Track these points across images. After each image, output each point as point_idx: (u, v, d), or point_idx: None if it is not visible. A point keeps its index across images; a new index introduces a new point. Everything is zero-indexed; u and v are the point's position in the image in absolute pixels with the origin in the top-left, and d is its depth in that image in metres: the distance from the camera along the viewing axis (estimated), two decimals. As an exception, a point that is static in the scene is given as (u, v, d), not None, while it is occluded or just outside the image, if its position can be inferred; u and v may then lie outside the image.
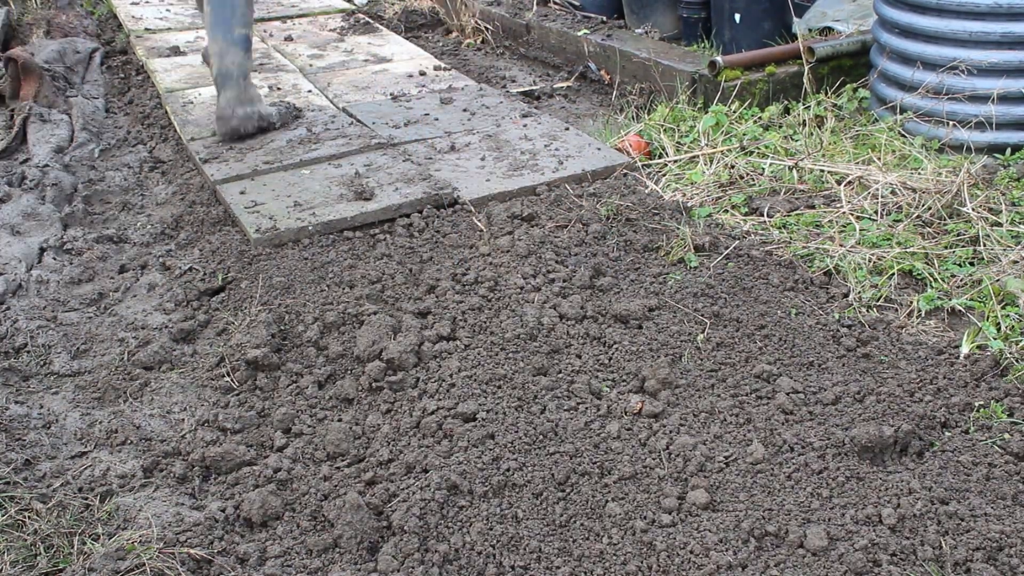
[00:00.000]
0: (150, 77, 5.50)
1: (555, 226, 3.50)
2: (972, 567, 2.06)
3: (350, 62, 5.67)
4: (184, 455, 2.57)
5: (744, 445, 2.47)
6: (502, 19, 6.20)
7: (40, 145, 4.55)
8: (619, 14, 5.70)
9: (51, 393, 2.87)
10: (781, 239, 3.43)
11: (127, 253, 3.70)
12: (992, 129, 3.80)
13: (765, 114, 4.31)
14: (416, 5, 6.90)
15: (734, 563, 2.11)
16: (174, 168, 4.39)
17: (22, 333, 3.09)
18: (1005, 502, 2.25)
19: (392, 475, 2.42)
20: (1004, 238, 3.23)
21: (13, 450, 2.54)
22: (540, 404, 2.62)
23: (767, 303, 3.06)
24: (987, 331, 2.82)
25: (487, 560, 2.16)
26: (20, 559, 2.17)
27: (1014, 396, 2.58)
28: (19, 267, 3.50)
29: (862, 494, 2.29)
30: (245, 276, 3.34)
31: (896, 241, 3.30)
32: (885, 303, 3.06)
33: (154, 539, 2.20)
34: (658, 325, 2.95)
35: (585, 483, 2.37)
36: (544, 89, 5.32)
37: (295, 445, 2.57)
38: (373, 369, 2.77)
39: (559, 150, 4.17)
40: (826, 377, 2.71)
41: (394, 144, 4.32)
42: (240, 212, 3.68)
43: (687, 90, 4.60)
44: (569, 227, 3.49)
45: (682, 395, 2.67)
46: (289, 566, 2.19)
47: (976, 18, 3.74)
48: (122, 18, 6.61)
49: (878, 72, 4.17)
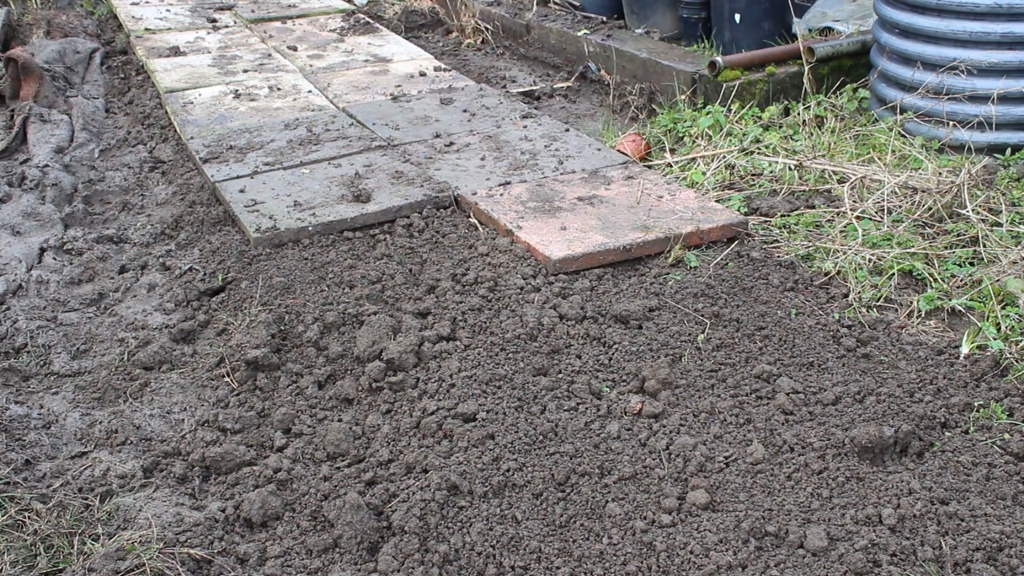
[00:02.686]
0: (150, 77, 5.50)
1: (555, 226, 3.50)
2: (972, 567, 2.06)
3: (350, 62, 5.67)
4: (184, 455, 2.57)
5: (744, 445, 2.47)
6: (502, 19, 6.20)
7: (40, 145, 4.55)
8: (619, 14, 5.70)
9: (51, 393, 2.87)
10: (781, 239, 3.43)
11: (127, 253, 3.70)
12: (992, 129, 3.80)
13: (765, 114, 4.31)
14: (416, 5, 6.90)
15: (734, 563, 2.10)
16: (174, 168, 4.39)
17: (22, 333, 3.09)
18: (1005, 502, 2.25)
19: (392, 475, 2.42)
20: (1004, 238, 3.23)
21: (13, 450, 2.54)
22: (540, 404, 2.62)
23: (767, 303, 3.05)
24: (987, 331, 2.82)
25: (487, 560, 2.16)
26: (20, 559, 2.17)
27: (1014, 396, 2.58)
28: (19, 267, 3.50)
29: (862, 494, 2.29)
30: (245, 276, 3.34)
31: (896, 241, 3.30)
32: (885, 303, 3.06)
33: (154, 539, 2.20)
34: (658, 325, 2.95)
35: (585, 483, 2.37)
36: (544, 89, 5.32)
37: (295, 445, 2.57)
38: (373, 369, 2.77)
39: (559, 150, 4.17)
40: (826, 377, 2.71)
41: (394, 145, 4.32)
42: (240, 211, 3.68)
43: (687, 90, 4.60)
44: (569, 227, 3.49)
45: (682, 395, 2.66)
46: (289, 566, 2.19)
47: (976, 18, 3.74)
48: (122, 18, 6.61)
49: (878, 72, 4.17)
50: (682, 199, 3.61)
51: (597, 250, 3.26)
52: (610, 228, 3.40)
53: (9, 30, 6.16)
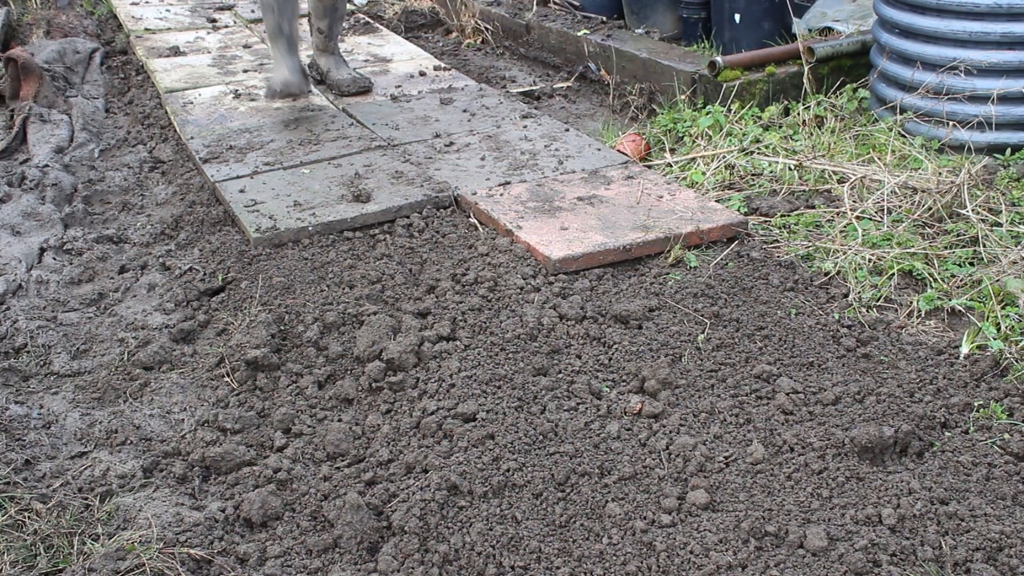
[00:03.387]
0: (150, 77, 5.50)
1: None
2: (972, 567, 2.06)
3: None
4: (184, 455, 2.57)
5: (744, 445, 2.47)
6: (502, 19, 6.20)
7: (40, 145, 4.55)
8: (619, 14, 5.70)
9: (51, 393, 2.87)
10: (781, 239, 3.43)
11: (127, 253, 3.70)
12: (992, 129, 3.80)
13: (765, 114, 4.31)
14: (416, 5, 6.90)
15: (734, 563, 2.11)
16: (174, 168, 4.39)
17: (22, 333, 3.09)
18: (1005, 502, 2.25)
19: (392, 475, 2.42)
20: (1004, 238, 3.23)
21: (13, 450, 2.54)
22: (540, 404, 2.62)
23: (767, 303, 3.06)
24: (987, 331, 2.82)
25: (487, 560, 2.17)
26: (20, 559, 2.17)
27: (1014, 396, 2.58)
28: (19, 267, 3.50)
29: (862, 494, 2.29)
30: (245, 276, 3.34)
31: (896, 241, 3.30)
32: (885, 303, 3.06)
33: (154, 539, 2.20)
34: (658, 325, 2.95)
35: (585, 483, 2.37)
36: (544, 89, 5.32)
37: (295, 445, 2.57)
38: (373, 369, 2.77)
39: (559, 151, 4.17)
40: (826, 377, 2.71)
41: (394, 145, 4.32)
42: (240, 211, 3.68)
43: (687, 90, 4.60)
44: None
45: (682, 395, 2.67)
46: (289, 566, 2.19)
47: (976, 18, 3.74)
48: (122, 18, 6.61)
49: (878, 72, 4.17)
50: (682, 199, 3.61)
51: (597, 250, 3.26)
52: (610, 228, 3.40)
53: (9, 30, 6.16)
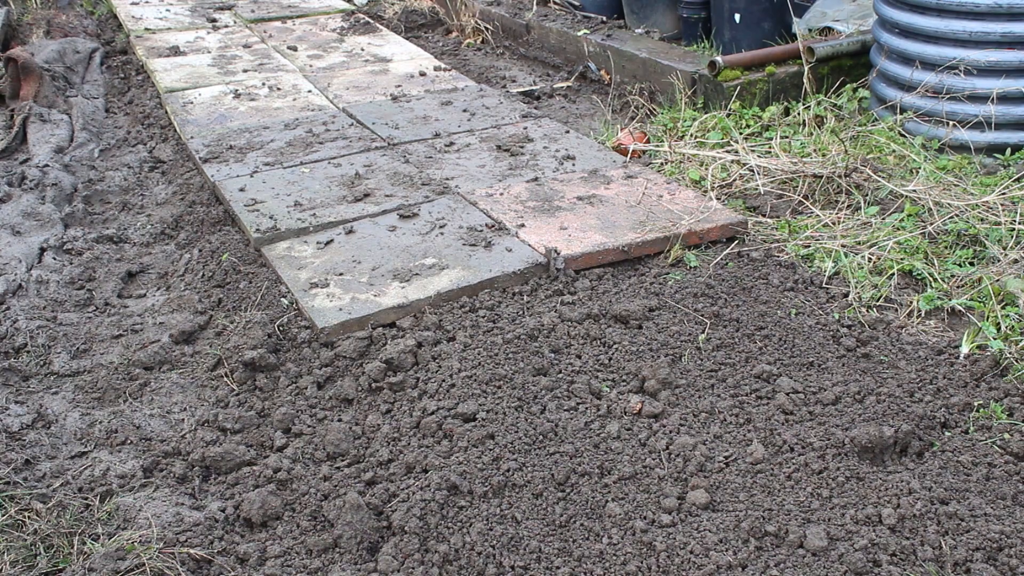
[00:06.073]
0: (150, 77, 5.50)
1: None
2: (972, 567, 2.06)
3: (350, 62, 5.67)
4: (184, 455, 2.57)
5: (744, 445, 2.47)
6: (502, 19, 6.20)
7: (40, 145, 4.55)
8: (619, 14, 5.70)
9: (51, 393, 2.87)
10: (781, 239, 3.43)
11: (127, 253, 3.70)
12: (992, 129, 3.80)
13: (765, 114, 4.31)
14: (416, 5, 6.90)
15: (734, 563, 2.11)
16: (174, 168, 4.39)
17: (22, 333, 3.09)
18: (1005, 502, 2.25)
19: (392, 475, 2.42)
20: (1004, 238, 3.23)
21: (13, 450, 2.54)
22: (540, 404, 2.62)
23: (767, 303, 3.05)
24: (987, 331, 2.82)
25: (487, 560, 2.16)
26: (20, 559, 2.17)
27: (1014, 396, 2.58)
28: (19, 267, 3.50)
29: (862, 494, 2.29)
30: (245, 276, 3.34)
31: (896, 241, 3.30)
32: (885, 303, 3.06)
33: (154, 539, 2.20)
34: (658, 325, 2.95)
35: (585, 483, 2.37)
36: (544, 89, 5.32)
37: (295, 445, 2.57)
38: (373, 369, 2.77)
39: (559, 150, 4.17)
40: (826, 377, 2.71)
41: (394, 145, 4.32)
42: (240, 211, 3.68)
43: (687, 90, 4.60)
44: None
45: (682, 395, 2.66)
46: (289, 566, 2.19)
47: (976, 18, 3.74)
48: (122, 18, 6.61)
49: (878, 72, 4.17)
50: (682, 199, 3.61)
51: (597, 250, 3.26)
52: (610, 228, 3.40)
53: (9, 30, 6.16)
